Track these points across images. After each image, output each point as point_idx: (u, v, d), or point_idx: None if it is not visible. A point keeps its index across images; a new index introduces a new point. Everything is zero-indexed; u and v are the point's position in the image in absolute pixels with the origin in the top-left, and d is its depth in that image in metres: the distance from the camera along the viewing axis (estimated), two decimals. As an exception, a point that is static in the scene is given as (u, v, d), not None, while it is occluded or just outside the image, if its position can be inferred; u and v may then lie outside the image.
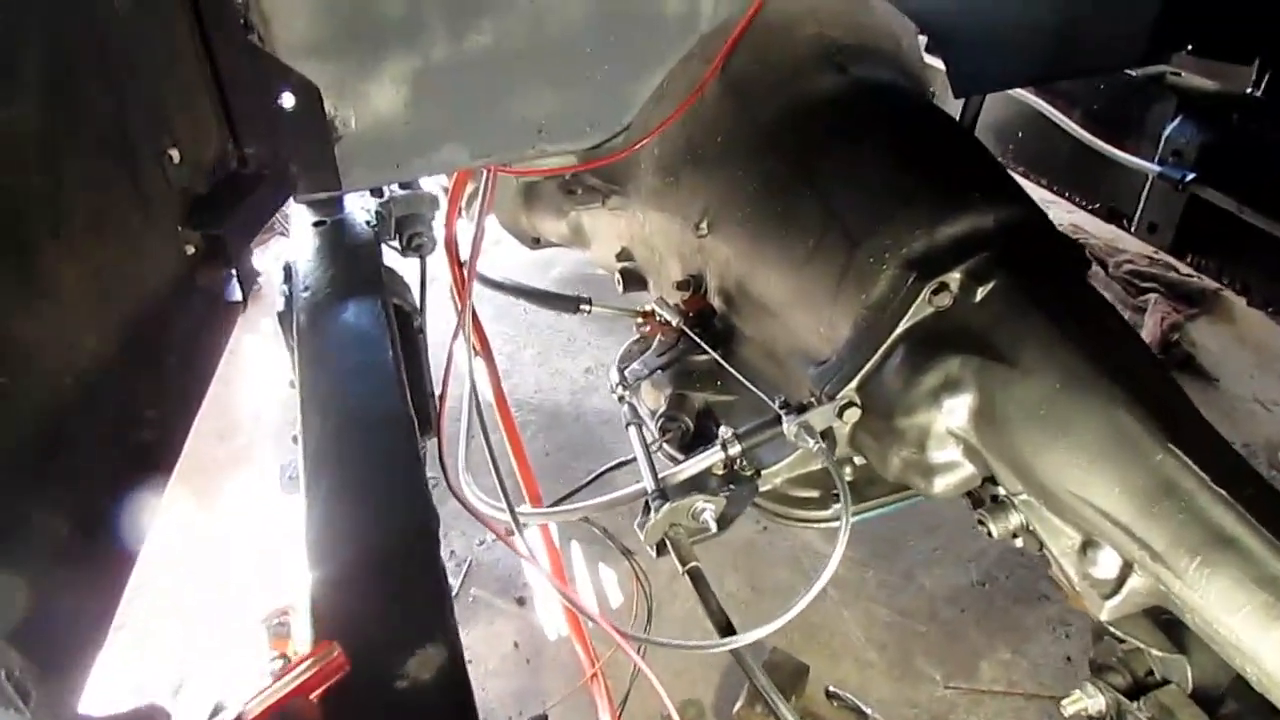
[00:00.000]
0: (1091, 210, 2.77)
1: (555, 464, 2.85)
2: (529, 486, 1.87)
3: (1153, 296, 3.92)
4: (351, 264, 1.46)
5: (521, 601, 2.45)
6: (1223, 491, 1.13)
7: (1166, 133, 2.44)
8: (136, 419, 1.14)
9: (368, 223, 1.59)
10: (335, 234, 1.54)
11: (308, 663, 0.79)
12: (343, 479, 1.04)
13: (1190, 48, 2.32)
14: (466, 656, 2.34)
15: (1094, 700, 1.35)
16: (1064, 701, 1.37)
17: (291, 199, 1.56)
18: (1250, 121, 2.32)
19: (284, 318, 1.42)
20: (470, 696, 0.81)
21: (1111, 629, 1.32)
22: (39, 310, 0.92)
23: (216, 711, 0.80)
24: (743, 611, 2.29)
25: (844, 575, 2.48)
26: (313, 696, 0.79)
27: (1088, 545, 1.27)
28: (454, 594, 2.46)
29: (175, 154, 1.21)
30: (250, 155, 1.40)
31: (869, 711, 2.11)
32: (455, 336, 1.67)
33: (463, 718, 0.79)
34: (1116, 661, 1.34)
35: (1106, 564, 1.25)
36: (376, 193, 1.75)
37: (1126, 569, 1.23)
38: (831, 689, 2.16)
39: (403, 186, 1.80)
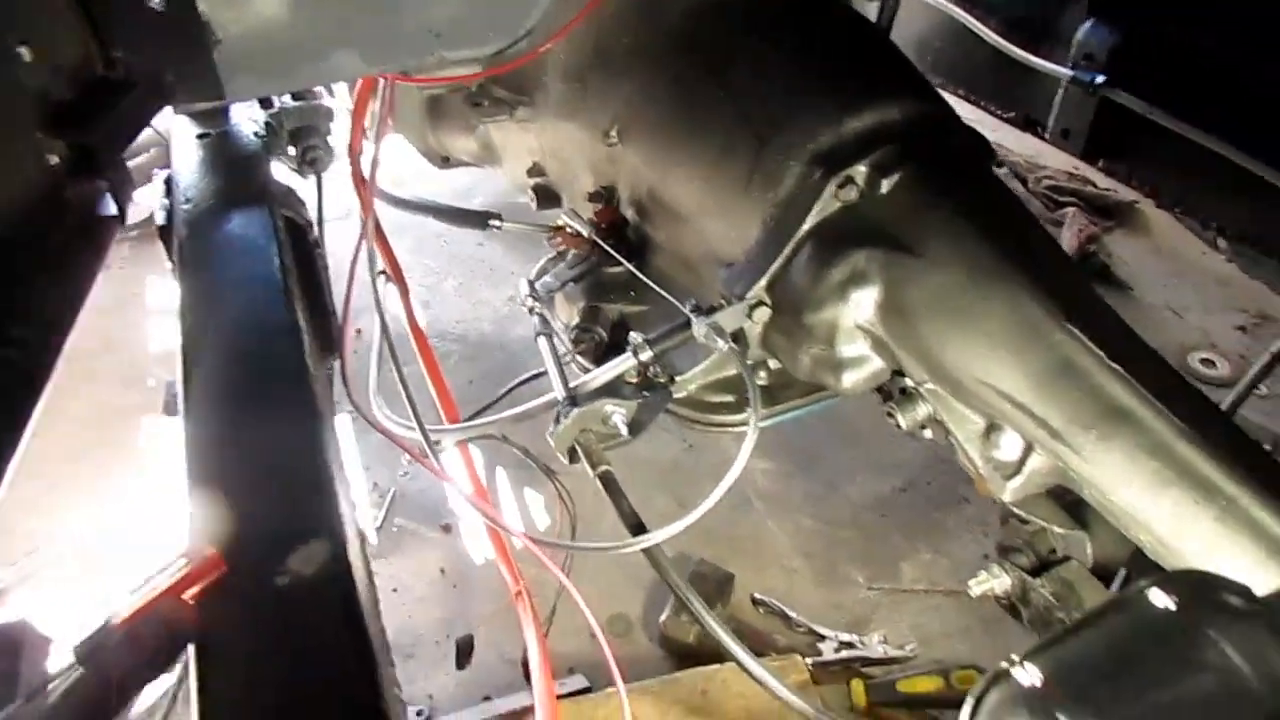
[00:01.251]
0: (1008, 119, 2.78)
1: (479, 392, 2.78)
2: (448, 410, 1.83)
3: (1070, 210, 3.98)
4: (236, 175, 1.39)
5: (447, 529, 2.43)
6: (1117, 367, 1.15)
7: (1079, 36, 2.45)
8: (2, 336, 1.08)
9: (255, 134, 1.51)
10: (220, 146, 1.46)
11: (179, 563, 0.76)
12: (223, 386, 1.00)
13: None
14: (391, 586, 2.32)
15: (999, 580, 1.38)
16: (971, 582, 1.41)
17: (170, 109, 1.48)
18: (1158, 23, 2.33)
19: (164, 232, 1.35)
20: (354, 589, 0.78)
21: (1016, 511, 1.34)
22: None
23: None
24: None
25: (768, 488, 2.50)
26: (187, 597, 0.76)
27: (991, 429, 1.28)
28: (378, 524, 2.43)
29: (25, 52, 1.13)
30: (118, 59, 1.31)
31: (794, 616, 2.15)
32: (357, 252, 1.61)
33: (347, 610, 0.76)
34: (1022, 543, 1.37)
35: (1009, 446, 1.26)
36: (266, 104, 1.67)
37: (1028, 449, 1.25)
38: (757, 596, 2.19)
39: (295, 97, 1.72)
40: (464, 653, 1.88)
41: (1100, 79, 2.38)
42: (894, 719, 1.89)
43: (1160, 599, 0.81)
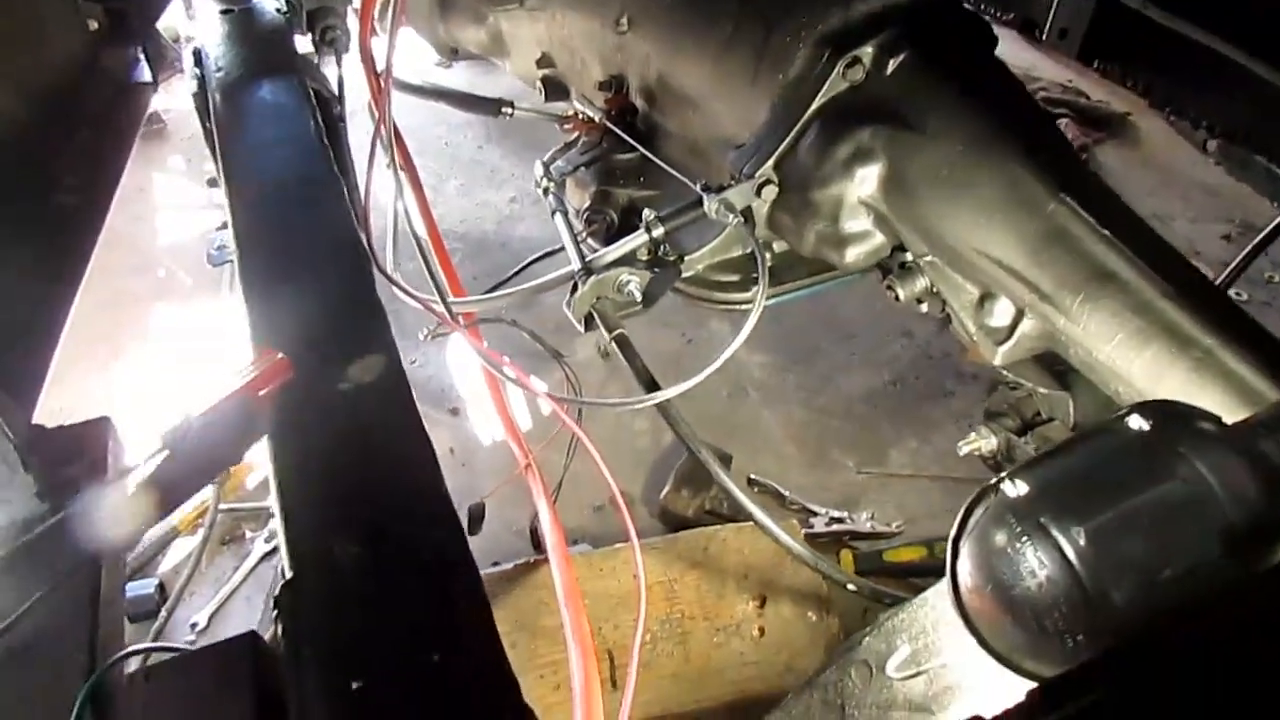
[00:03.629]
0: (1006, 21, 2.80)
1: (482, 287, 2.87)
2: (454, 289, 1.90)
3: (1064, 120, 4.04)
4: (264, 46, 1.43)
5: (455, 412, 2.52)
6: (1106, 232, 1.22)
7: (1078, -64, 2.46)
8: (56, 182, 1.15)
9: (278, 10, 1.55)
10: (245, 20, 1.50)
11: (252, 366, 0.84)
12: (274, 228, 1.06)
13: None
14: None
15: (987, 440, 1.47)
16: (960, 443, 1.50)
17: (198, -18, 1.51)
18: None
19: (198, 99, 1.39)
20: (410, 396, 0.86)
21: (1004, 374, 1.43)
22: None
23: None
24: (670, 415, 2.39)
25: (764, 379, 2.59)
26: (259, 394, 0.84)
27: (985, 298, 1.36)
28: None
29: (66, -79, 1.18)
30: (147, -70, 1.35)
31: (787, 494, 2.26)
32: (374, 144, 1.66)
33: (405, 413, 0.84)
34: (1008, 408, 1.47)
35: (1001, 313, 1.34)
36: (285, -17, 1.70)
37: (1019, 315, 1.33)
38: (753, 476, 2.29)
39: (313, -23, 1.75)
40: (476, 519, 1.98)
41: (1100, -23, 2.40)
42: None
43: (1137, 422, 0.90)
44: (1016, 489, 0.87)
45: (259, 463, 1.95)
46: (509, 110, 2.02)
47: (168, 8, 1.37)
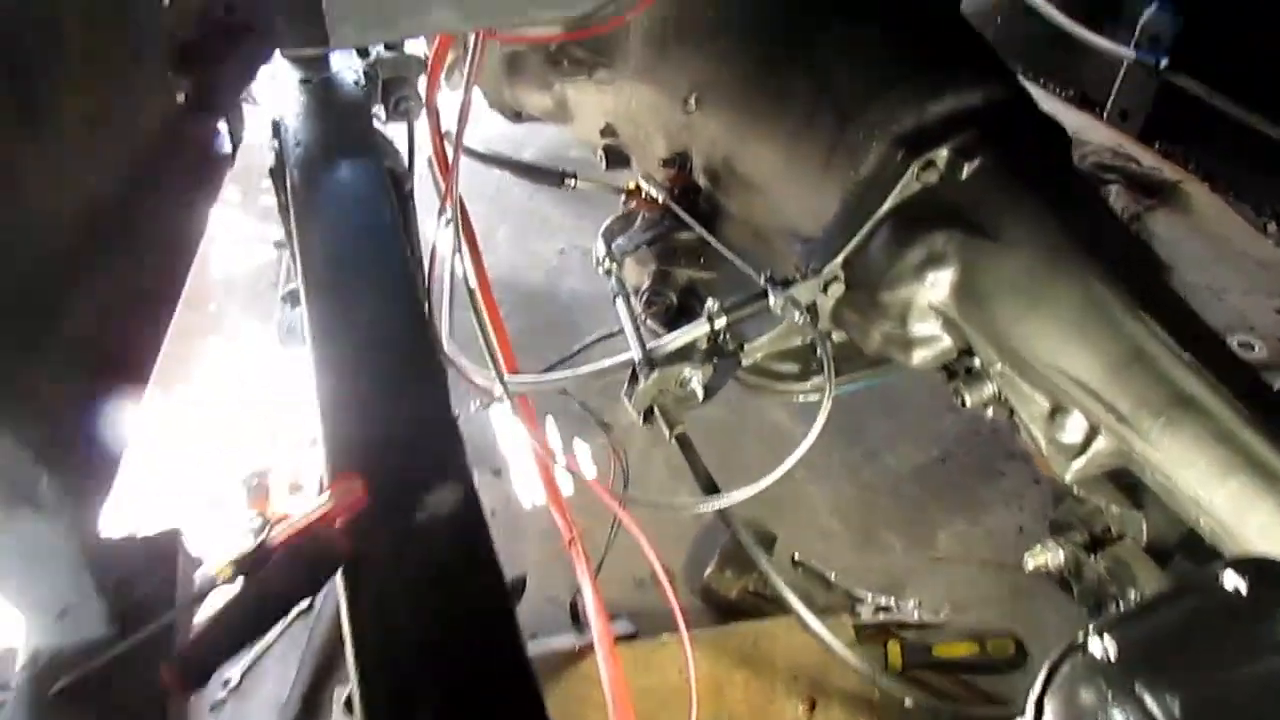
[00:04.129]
0: (1065, 97, 2.79)
1: (530, 345, 2.84)
2: (509, 363, 1.90)
3: (1114, 187, 3.99)
4: (344, 123, 1.44)
5: (498, 473, 2.50)
6: (1186, 355, 1.20)
7: (1144, 19, 2.45)
8: (138, 262, 1.15)
9: (356, 82, 1.56)
10: (324, 92, 1.51)
11: (329, 494, 0.83)
12: (349, 324, 1.06)
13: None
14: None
15: (1054, 554, 1.44)
16: (1026, 555, 1.47)
17: (278, 53, 1.53)
18: (1225, 8, 2.34)
19: (276, 173, 1.40)
20: (487, 532, 0.85)
21: (1074, 490, 1.40)
22: (42, 140, 0.91)
23: (256, 529, 0.83)
24: (714, 485, 2.37)
25: (809, 455, 2.52)
26: (336, 524, 0.83)
27: (1056, 411, 1.34)
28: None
29: (163, -3, 1.19)
30: (237, 4, 1.37)
31: (832, 578, 2.22)
32: (441, 211, 1.66)
33: (482, 550, 0.83)
34: (1076, 521, 1.43)
35: (1073, 428, 1.32)
36: (362, 54, 1.72)
37: (1092, 432, 1.30)
38: (797, 557, 2.26)
39: (388, 48, 1.76)
40: (517, 591, 1.97)
41: (1165, 61, 2.38)
42: (928, 681, 1.97)
43: (1232, 581, 0.87)
44: (1104, 647, 0.84)
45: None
46: (573, 182, 2.02)
47: (255, 79, 1.37)
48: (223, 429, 2.54)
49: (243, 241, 3.21)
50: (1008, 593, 2.23)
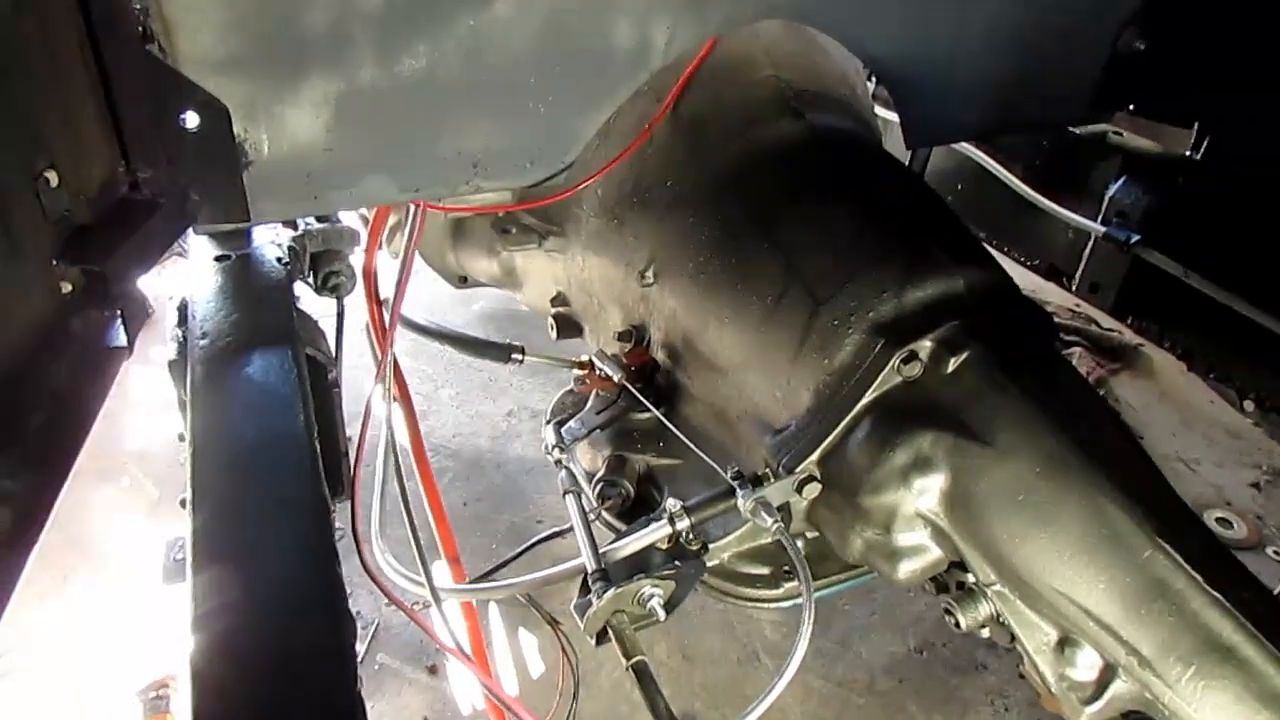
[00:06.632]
0: (1030, 267, 2.74)
1: (474, 516, 2.67)
2: (447, 547, 1.71)
3: (1076, 350, 3.95)
4: (259, 308, 1.28)
5: (433, 670, 2.25)
6: (1218, 595, 1.05)
7: (1111, 193, 2.41)
8: (10, 472, 0.97)
9: (279, 260, 1.41)
10: (241, 271, 1.35)
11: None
12: (237, 568, 0.87)
13: (1131, 107, 2.30)
14: (371, 733, 2.15)
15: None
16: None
17: (191, 231, 1.38)
18: (1194, 185, 2.31)
19: (176, 367, 1.23)
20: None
21: None
22: None
23: None
24: (675, 681, 2.15)
25: (777, 642, 2.35)
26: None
27: (1065, 643, 1.18)
28: (359, 660, 2.26)
29: (53, 177, 1.04)
30: (144, 179, 1.22)
31: (806, 795, 1.99)
32: (374, 387, 1.50)
33: None
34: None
35: (1086, 664, 1.16)
36: (290, 224, 1.58)
37: (1108, 672, 1.14)
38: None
39: (319, 219, 1.63)
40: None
41: (1135, 238, 2.33)
42: None
43: None
44: None
45: None
46: (519, 357, 1.87)
47: (154, 267, 1.21)
48: (122, 630, 2.28)
49: (166, 407, 3.00)
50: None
